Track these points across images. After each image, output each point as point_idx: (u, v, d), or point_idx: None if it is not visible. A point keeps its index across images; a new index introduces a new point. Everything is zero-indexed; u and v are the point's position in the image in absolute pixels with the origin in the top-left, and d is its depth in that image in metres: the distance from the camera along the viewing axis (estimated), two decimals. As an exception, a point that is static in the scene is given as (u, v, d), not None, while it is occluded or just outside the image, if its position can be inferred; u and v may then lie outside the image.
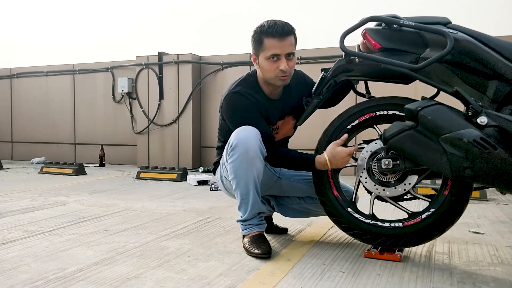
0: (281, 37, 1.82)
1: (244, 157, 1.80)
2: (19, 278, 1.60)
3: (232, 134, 1.87)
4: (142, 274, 1.64)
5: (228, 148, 1.87)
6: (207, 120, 5.67)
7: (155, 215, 2.74)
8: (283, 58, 1.84)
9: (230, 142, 1.86)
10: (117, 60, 6.16)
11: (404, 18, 1.70)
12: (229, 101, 1.92)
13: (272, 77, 1.88)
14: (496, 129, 1.52)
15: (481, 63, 1.61)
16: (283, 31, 1.82)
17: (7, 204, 3.11)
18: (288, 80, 1.92)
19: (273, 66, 1.85)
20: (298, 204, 2.16)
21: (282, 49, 1.83)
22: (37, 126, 6.72)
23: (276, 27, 1.82)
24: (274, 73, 1.86)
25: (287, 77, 1.89)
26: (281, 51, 1.83)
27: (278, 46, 1.82)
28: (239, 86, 1.93)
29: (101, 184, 4.22)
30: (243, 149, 1.80)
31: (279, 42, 1.82)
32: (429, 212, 1.73)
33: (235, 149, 1.82)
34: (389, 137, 1.69)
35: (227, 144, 1.90)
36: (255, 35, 1.88)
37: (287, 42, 1.83)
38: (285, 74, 1.86)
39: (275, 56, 1.84)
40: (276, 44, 1.82)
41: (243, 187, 1.84)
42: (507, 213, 2.80)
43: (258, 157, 1.82)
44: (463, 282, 1.57)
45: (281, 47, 1.82)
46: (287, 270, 1.69)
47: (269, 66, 1.86)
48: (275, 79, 1.88)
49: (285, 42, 1.83)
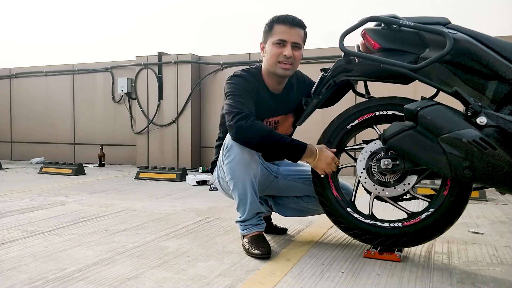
0: (291, 25, 1.89)
1: (240, 157, 1.81)
2: (19, 278, 1.60)
3: (227, 135, 1.87)
4: (141, 274, 1.64)
5: (224, 149, 1.88)
6: (207, 120, 5.67)
7: (154, 215, 2.74)
8: (288, 45, 1.88)
9: (225, 143, 1.87)
10: (117, 60, 6.16)
11: (403, 18, 1.70)
12: (230, 79, 1.96)
13: (274, 62, 1.91)
14: (495, 129, 1.52)
15: (480, 63, 1.61)
16: (294, 21, 1.89)
17: (7, 204, 3.11)
18: (289, 72, 1.93)
19: (277, 50, 1.89)
20: (295, 203, 2.16)
21: (289, 36, 1.88)
22: (36, 126, 6.71)
23: (288, 16, 1.90)
24: (277, 58, 1.89)
25: (288, 66, 1.90)
26: (288, 38, 1.88)
27: (286, 32, 1.88)
28: (244, 72, 1.98)
29: (101, 184, 4.21)
30: (239, 149, 1.81)
31: (288, 28, 1.88)
32: (429, 212, 1.73)
33: (231, 150, 1.82)
34: (389, 137, 1.70)
35: (223, 145, 1.90)
36: (267, 23, 1.94)
37: (295, 31, 1.89)
38: (288, 60, 1.89)
39: (281, 42, 1.88)
40: (285, 30, 1.88)
41: (240, 187, 1.84)
42: (507, 213, 2.80)
43: (254, 158, 1.83)
44: (463, 282, 1.57)
45: (289, 34, 1.88)
46: (286, 270, 1.69)
47: (274, 50, 1.90)
48: (276, 66, 1.91)
49: (294, 30, 1.89)
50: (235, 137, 1.79)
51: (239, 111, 1.79)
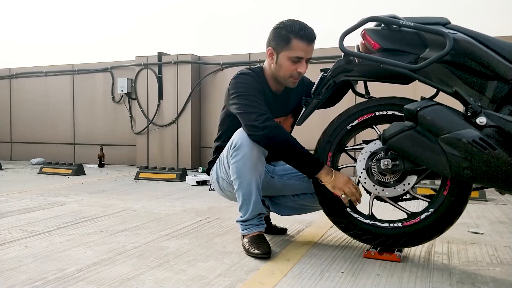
0: (309, 42, 1.87)
1: (248, 157, 1.80)
2: (18, 278, 1.60)
3: (235, 134, 1.86)
4: (141, 274, 1.64)
5: (231, 148, 1.86)
6: (207, 120, 5.67)
7: (154, 215, 2.74)
8: (303, 61, 1.90)
9: (233, 141, 1.85)
10: (117, 60, 6.16)
11: (403, 18, 1.70)
12: (238, 77, 1.93)
13: (286, 76, 1.92)
14: (495, 130, 1.52)
15: (480, 63, 1.61)
16: (312, 36, 1.88)
17: (6, 204, 3.11)
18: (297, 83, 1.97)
19: (292, 66, 1.89)
20: (293, 201, 2.15)
21: (306, 54, 1.88)
22: (36, 126, 6.71)
23: (307, 31, 1.86)
24: (290, 73, 1.91)
25: (298, 79, 1.95)
26: (305, 55, 1.89)
27: (305, 50, 1.87)
28: (250, 71, 1.97)
29: (100, 184, 4.21)
30: (248, 149, 1.80)
31: (307, 46, 1.87)
32: (428, 212, 1.73)
33: (239, 149, 1.81)
34: (389, 137, 1.69)
35: (229, 144, 1.89)
36: (282, 31, 1.88)
37: (311, 48, 1.90)
38: (299, 76, 1.92)
39: (299, 59, 1.88)
40: (304, 47, 1.87)
41: (245, 187, 1.84)
42: (506, 213, 2.80)
43: (261, 158, 1.83)
44: (462, 282, 1.57)
45: (306, 52, 1.88)
46: (286, 270, 1.69)
47: (288, 66, 1.89)
48: (288, 80, 1.93)
49: (310, 47, 1.89)
50: (260, 137, 1.76)
51: (262, 112, 1.80)
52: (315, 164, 1.79)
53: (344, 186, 1.76)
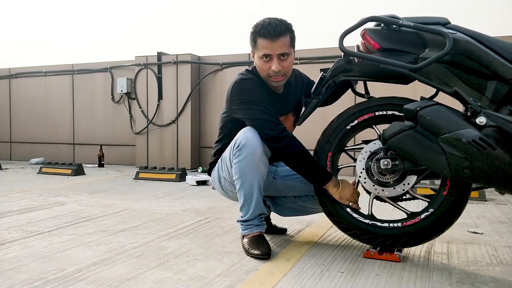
0: (273, 38, 1.82)
1: (251, 157, 1.80)
2: (18, 278, 1.60)
3: (239, 133, 1.86)
4: (141, 274, 1.64)
5: (234, 148, 1.86)
6: (206, 120, 5.67)
7: (154, 215, 2.74)
8: (274, 58, 1.85)
9: (236, 141, 1.85)
10: (116, 60, 6.16)
11: (403, 18, 1.70)
12: (242, 83, 1.91)
13: (265, 76, 1.91)
14: (495, 129, 1.52)
15: (480, 63, 1.61)
16: (274, 32, 1.82)
17: (6, 204, 3.11)
18: (283, 81, 1.94)
19: (265, 65, 1.88)
20: (294, 202, 2.16)
21: (273, 50, 1.84)
22: (36, 126, 6.71)
23: (269, 27, 1.82)
24: (267, 73, 1.89)
25: (280, 78, 1.90)
26: (272, 52, 1.84)
27: (269, 47, 1.84)
28: (250, 74, 1.95)
29: (100, 184, 4.21)
30: (251, 149, 1.80)
31: (270, 43, 1.83)
32: (428, 212, 1.73)
33: (243, 148, 1.81)
34: (388, 137, 1.70)
35: (232, 144, 1.88)
36: (251, 32, 1.90)
37: (279, 43, 1.83)
38: (277, 74, 1.87)
39: (267, 56, 1.86)
40: (268, 44, 1.84)
41: (247, 187, 1.84)
42: (506, 213, 2.80)
43: (264, 159, 1.83)
44: (462, 282, 1.57)
45: (272, 48, 1.84)
46: (286, 270, 1.69)
47: (262, 65, 1.89)
48: (268, 80, 1.92)
49: (277, 43, 1.83)
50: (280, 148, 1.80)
51: (278, 121, 1.84)
52: (324, 176, 1.82)
53: (351, 197, 1.83)
